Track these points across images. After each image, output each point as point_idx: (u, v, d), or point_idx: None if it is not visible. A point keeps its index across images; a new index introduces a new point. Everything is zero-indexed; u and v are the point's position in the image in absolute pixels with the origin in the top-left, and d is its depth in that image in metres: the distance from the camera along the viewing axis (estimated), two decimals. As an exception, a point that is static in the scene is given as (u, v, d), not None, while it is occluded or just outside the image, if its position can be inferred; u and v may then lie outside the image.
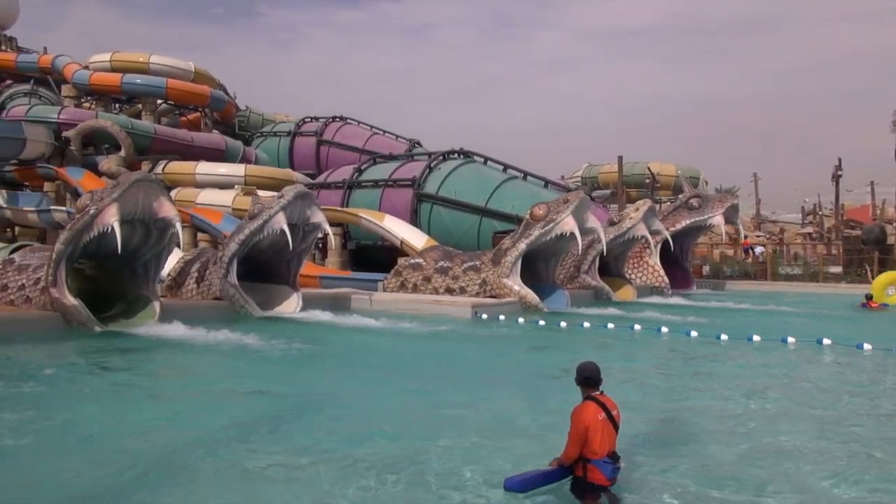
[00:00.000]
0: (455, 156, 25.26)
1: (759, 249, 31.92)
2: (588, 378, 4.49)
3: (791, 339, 10.99)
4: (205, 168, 26.83)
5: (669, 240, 20.65)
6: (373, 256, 23.37)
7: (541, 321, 13.64)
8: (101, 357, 9.51)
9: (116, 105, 34.38)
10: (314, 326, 12.95)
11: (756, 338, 11.17)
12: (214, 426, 6.04)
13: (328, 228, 14.88)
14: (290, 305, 14.47)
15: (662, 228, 20.48)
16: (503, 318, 14.03)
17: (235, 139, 32.85)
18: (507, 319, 13.98)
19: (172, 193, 21.78)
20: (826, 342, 10.57)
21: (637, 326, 12.59)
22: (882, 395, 7.79)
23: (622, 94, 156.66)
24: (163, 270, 13.30)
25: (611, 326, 12.76)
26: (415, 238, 19.93)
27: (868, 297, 18.18)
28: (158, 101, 32.68)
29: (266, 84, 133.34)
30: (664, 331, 12.24)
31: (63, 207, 20.82)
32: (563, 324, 13.22)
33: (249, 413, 6.65)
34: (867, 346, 10.09)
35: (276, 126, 36.52)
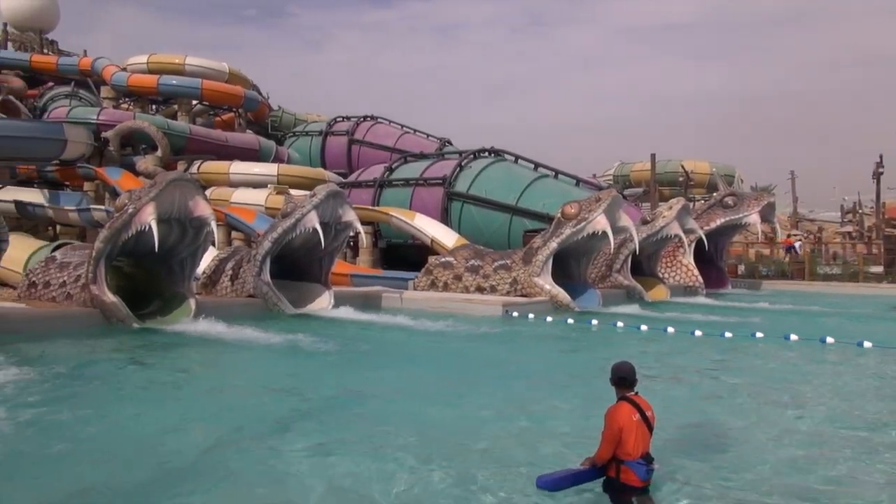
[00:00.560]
0: (486, 154, 25.23)
1: (798, 244, 31.19)
2: (623, 378, 4.45)
3: (829, 340, 10.74)
4: (239, 168, 27.23)
5: (704, 239, 20.34)
6: (403, 255, 23.46)
7: (570, 320, 13.55)
8: (140, 353, 9.71)
9: (153, 106, 35.10)
10: (346, 324, 13.05)
11: (793, 337, 10.95)
12: (250, 423, 6.13)
13: (359, 227, 14.97)
14: (322, 303, 14.61)
15: (697, 227, 20.18)
16: (532, 317, 13.97)
17: (268, 139, 33.28)
18: (537, 318, 13.91)
19: (207, 193, 22.12)
20: (867, 344, 10.30)
21: (671, 328, 12.42)
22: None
23: (655, 91, 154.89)
24: (198, 268, 13.53)
25: (643, 327, 12.61)
26: (445, 237, 19.96)
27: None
28: (194, 102, 33.27)
29: (298, 84, 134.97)
30: (698, 333, 12.05)
31: (102, 206, 21.27)
32: (594, 323, 13.12)
33: (284, 410, 6.73)
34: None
35: (308, 126, 36.93)
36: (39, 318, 11.65)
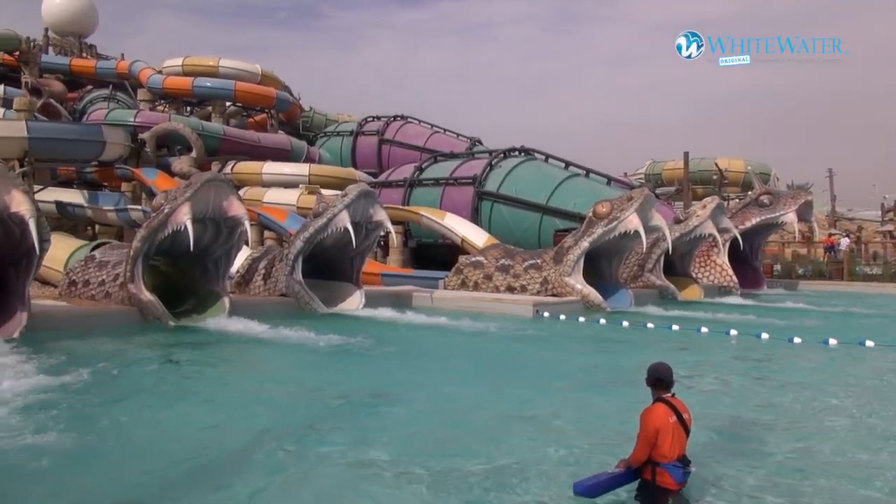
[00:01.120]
0: (516, 153, 25.14)
1: (845, 241, 30.30)
2: (660, 379, 4.39)
3: (870, 343, 10.47)
4: (271, 168, 27.58)
5: (739, 238, 19.99)
6: (433, 254, 23.50)
7: (602, 320, 13.43)
8: (176, 351, 9.90)
9: (188, 107, 35.73)
10: (377, 323, 13.11)
11: (832, 342, 10.68)
12: (285, 420, 6.20)
13: (390, 226, 15.04)
14: (354, 302, 14.70)
15: (731, 226, 19.83)
16: (563, 318, 13.88)
17: (300, 139, 33.65)
18: (568, 318, 13.81)
19: (240, 193, 22.42)
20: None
21: (704, 329, 12.23)
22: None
23: (688, 88, 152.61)
24: (232, 267, 13.74)
25: (675, 327, 12.44)
26: (475, 236, 19.94)
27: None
28: (227, 103, 33.78)
29: (329, 85, 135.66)
30: (733, 332, 11.84)
31: (139, 207, 21.71)
32: (626, 323, 12.98)
33: (319, 408, 6.79)
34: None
35: (339, 126, 37.19)
36: (79, 316, 11.95)
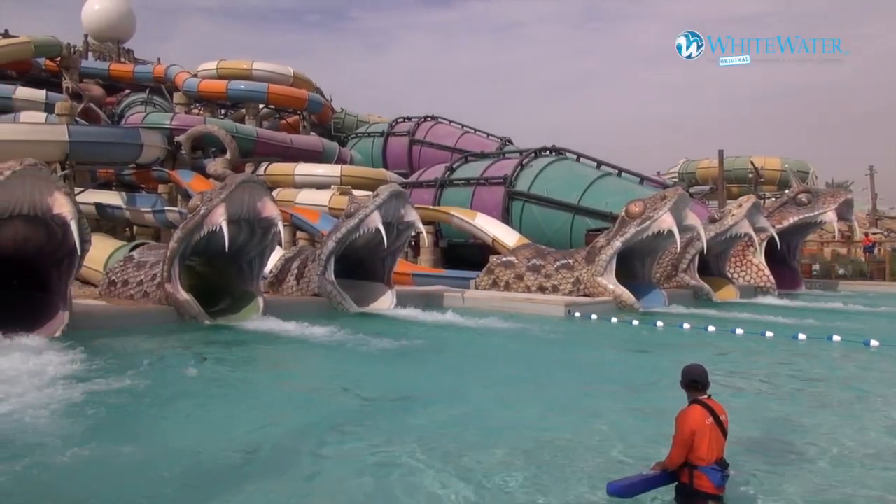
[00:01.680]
0: (547, 153, 24.99)
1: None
2: (695, 381, 4.33)
3: (915, 345, 10.18)
4: (303, 169, 27.84)
5: (776, 237, 19.59)
6: (464, 254, 23.48)
7: (635, 321, 13.28)
8: (212, 349, 10.05)
9: (222, 110, 36.30)
10: (408, 323, 13.15)
11: (874, 343, 10.42)
12: (319, 421, 6.25)
13: (421, 227, 15.08)
14: (385, 302, 14.78)
15: (768, 225, 19.42)
16: (595, 318, 13.76)
17: (332, 140, 33.89)
18: (600, 319, 13.69)
19: (273, 194, 22.69)
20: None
21: (739, 330, 12.01)
22: None
23: (721, 85, 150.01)
24: (266, 267, 13.92)
25: (711, 329, 12.24)
26: (506, 236, 19.87)
27: None
28: (260, 106, 34.22)
29: (360, 86, 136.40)
30: (769, 334, 11.62)
31: (176, 208, 22.13)
32: (660, 324, 12.82)
33: (353, 407, 6.85)
34: None
35: (370, 127, 37.39)
36: (118, 315, 12.23)
